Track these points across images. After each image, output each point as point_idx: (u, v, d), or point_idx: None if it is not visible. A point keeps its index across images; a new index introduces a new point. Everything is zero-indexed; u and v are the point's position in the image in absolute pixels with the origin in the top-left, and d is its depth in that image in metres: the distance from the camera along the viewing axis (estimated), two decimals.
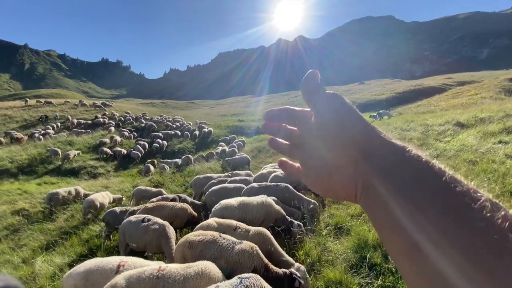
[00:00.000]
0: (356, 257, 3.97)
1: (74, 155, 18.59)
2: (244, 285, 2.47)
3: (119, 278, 2.66)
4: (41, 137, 22.00)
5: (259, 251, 3.47)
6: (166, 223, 4.84)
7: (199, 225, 4.38)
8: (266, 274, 3.30)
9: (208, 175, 9.69)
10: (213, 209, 5.06)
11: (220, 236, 3.57)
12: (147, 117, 34.08)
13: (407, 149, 0.41)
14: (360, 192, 0.44)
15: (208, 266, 2.92)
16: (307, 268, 4.04)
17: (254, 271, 3.30)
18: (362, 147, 0.44)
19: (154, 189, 9.33)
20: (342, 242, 4.50)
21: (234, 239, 3.56)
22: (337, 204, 6.10)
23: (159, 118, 33.61)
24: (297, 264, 3.76)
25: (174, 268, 2.82)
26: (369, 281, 3.54)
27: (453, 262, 0.30)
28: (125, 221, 5.05)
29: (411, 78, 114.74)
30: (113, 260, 3.32)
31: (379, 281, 3.50)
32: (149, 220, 4.87)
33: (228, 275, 3.01)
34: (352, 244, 4.24)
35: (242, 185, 6.89)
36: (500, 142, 7.96)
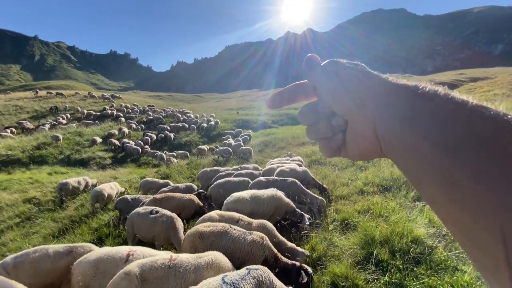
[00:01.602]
0: (362, 253, 3.94)
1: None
2: (252, 276, 2.48)
3: (133, 266, 2.70)
4: (47, 127, 22.47)
5: (269, 241, 3.52)
6: (174, 215, 4.89)
7: (201, 218, 4.39)
8: (275, 264, 3.36)
9: (216, 168, 9.73)
10: (225, 201, 5.07)
11: (231, 227, 3.60)
12: (157, 110, 34.36)
13: (420, 87, 0.39)
14: (385, 144, 0.42)
15: (218, 257, 2.95)
16: (313, 262, 4.05)
17: (264, 260, 3.35)
18: (372, 104, 0.43)
19: (161, 181, 9.44)
20: (348, 237, 4.48)
21: (245, 230, 3.59)
22: (344, 200, 6.07)
23: (170, 111, 33.75)
24: (299, 249, 3.93)
25: (185, 257, 2.85)
26: (376, 277, 3.52)
27: (493, 191, 0.28)
28: (133, 212, 5.12)
29: (422, 74, 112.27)
30: (123, 250, 3.37)
31: (386, 277, 3.48)
32: (157, 212, 4.92)
33: (239, 266, 3.05)
34: (358, 240, 4.21)
35: (247, 179, 6.90)
36: None
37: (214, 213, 4.33)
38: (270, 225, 4.12)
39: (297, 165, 7.96)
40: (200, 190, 7.28)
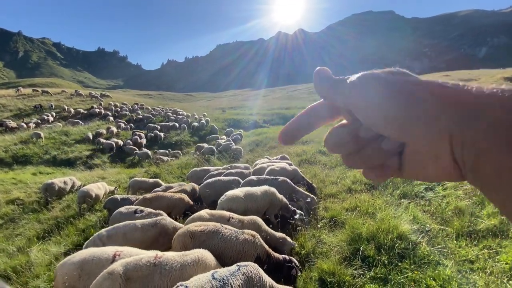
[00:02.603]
0: (349, 249, 4.03)
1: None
2: (241, 272, 2.51)
3: (116, 265, 2.68)
4: (32, 125, 21.86)
5: (261, 239, 3.56)
6: (162, 212, 4.87)
7: (190, 217, 4.37)
8: (269, 261, 3.42)
9: (206, 167, 9.70)
10: (219, 200, 5.09)
11: (222, 226, 3.59)
12: (148, 108, 33.92)
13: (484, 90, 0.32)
14: (469, 166, 0.33)
15: (205, 254, 2.95)
16: (301, 259, 4.11)
17: (257, 258, 3.39)
18: (452, 120, 0.33)
19: (151, 180, 9.32)
20: (336, 234, 4.57)
21: (236, 229, 3.59)
22: (333, 198, 6.17)
23: (161, 110, 33.31)
24: (288, 239, 4.12)
25: (171, 255, 2.84)
26: (362, 272, 3.62)
27: None
28: (115, 213, 5.07)
29: None
30: (109, 250, 3.31)
31: (372, 272, 3.57)
32: (142, 211, 4.91)
33: (231, 265, 3.08)
34: (346, 236, 4.30)
35: (237, 178, 6.92)
36: None
37: (204, 212, 4.31)
38: (260, 220, 4.19)
39: (287, 164, 8.03)
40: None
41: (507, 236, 3.94)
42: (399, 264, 3.65)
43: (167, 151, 18.12)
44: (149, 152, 17.50)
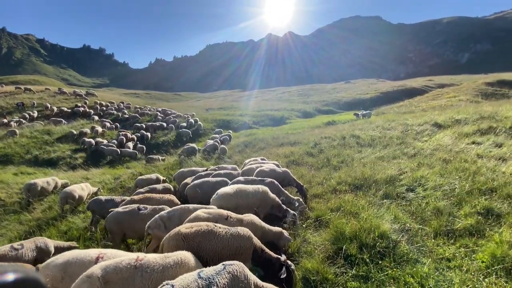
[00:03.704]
0: (333, 248, 4.13)
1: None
2: (227, 271, 2.54)
3: (95, 268, 2.64)
4: (14, 123, 21.07)
5: (252, 234, 3.59)
6: (166, 207, 4.97)
7: (188, 218, 4.26)
8: (261, 255, 3.51)
9: (193, 168, 9.63)
10: (211, 199, 5.13)
11: (215, 225, 3.54)
12: (137, 107, 33.27)
13: None
14: None
15: (187, 256, 2.95)
16: (287, 258, 4.18)
17: (254, 251, 3.44)
18: None
19: (153, 176, 9.29)
20: (321, 234, 4.67)
21: (228, 227, 3.57)
22: (318, 198, 6.28)
23: (148, 109, 32.74)
24: (285, 233, 4.31)
25: (153, 257, 2.83)
26: (344, 270, 3.72)
27: None
28: (114, 212, 5.03)
29: (396, 79, 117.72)
30: (92, 252, 3.26)
31: (354, 270, 3.68)
32: (145, 208, 5.02)
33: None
34: (330, 236, 4.40)
35: (225, 179, 6.92)
36: (473, 142, 8.42)
37: (201, 212, 4.20)
38: (257, 218, 4.24)
39: (275, 165, 8.08)
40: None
41: (483, 236, 4.14)
42: (380, 262, 3.77)
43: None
44: (137, 152, 17.25)
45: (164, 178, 9.73)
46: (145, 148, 18.90)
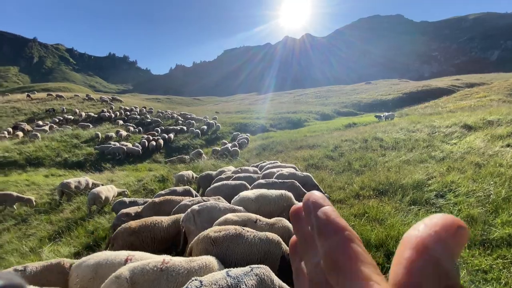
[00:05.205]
0: None
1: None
2: (254, 273, 2.54)
3: (124, 270, 2.72)
4: (47, 129, 22.42)
5: (281, 240, 3.54)
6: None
7: (217, 221, 4.25)
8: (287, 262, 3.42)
9: (210, 172, 9.75)
10: (232, 201, 5.19)
11: (244, 229, 3.53)
12: (159, 111, 34.45)
13: None
14: None
15: (211, 261, 2.97)
16: None
17: (282, 257, 3.40)
18: None
19: (184, 172, 10.49)
20: None
21: (256, 231, 3.54)
22: (340, 203, 6.11)
23: (169, 113, 33.71)
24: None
25: (178, 261, 2.87)
26: None
27: None
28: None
29: (419, 79, 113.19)
30: (122, 254, 3.38)
31: None
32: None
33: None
34: None
35: (244, 182, 6.91)
36: (508, 145, 7.86)
37: (231, 215, 4.22)
38: (287, 222, 4.13)
39: (293, 169, 7.98)
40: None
41: None
42: None
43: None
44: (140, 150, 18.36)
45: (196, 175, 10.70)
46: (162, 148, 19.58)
